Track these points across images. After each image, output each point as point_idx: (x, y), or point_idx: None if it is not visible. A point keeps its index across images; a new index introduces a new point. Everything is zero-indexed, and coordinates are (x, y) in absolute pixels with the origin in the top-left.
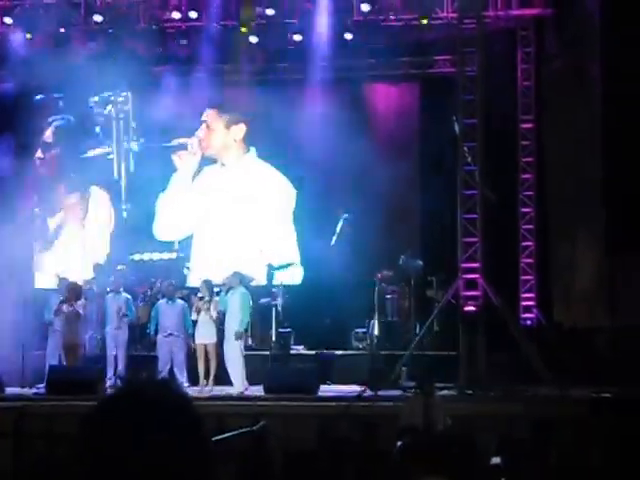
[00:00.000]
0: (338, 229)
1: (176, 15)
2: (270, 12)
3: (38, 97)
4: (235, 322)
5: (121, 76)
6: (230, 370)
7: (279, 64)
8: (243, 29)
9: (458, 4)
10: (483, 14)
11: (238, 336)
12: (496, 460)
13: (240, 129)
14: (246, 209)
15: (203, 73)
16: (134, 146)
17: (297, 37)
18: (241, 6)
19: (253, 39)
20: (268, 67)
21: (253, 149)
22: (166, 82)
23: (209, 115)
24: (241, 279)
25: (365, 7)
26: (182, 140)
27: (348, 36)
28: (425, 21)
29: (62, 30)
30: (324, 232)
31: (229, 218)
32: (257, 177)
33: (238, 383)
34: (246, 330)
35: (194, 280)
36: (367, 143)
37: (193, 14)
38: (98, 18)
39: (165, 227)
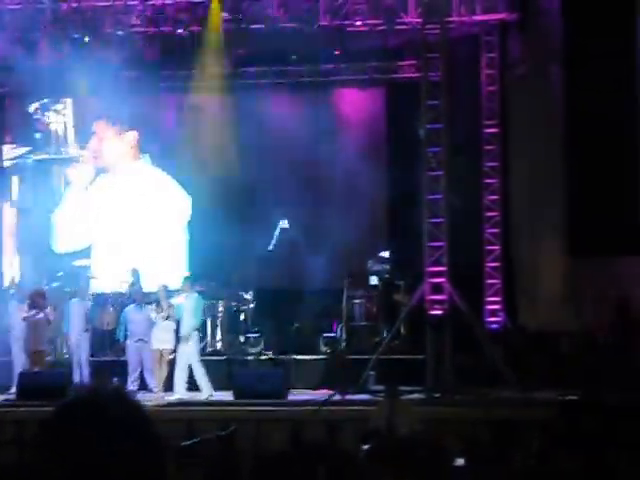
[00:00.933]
0: (276, 234)
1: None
2: (236, 17)
3: None
4: (188, 327)
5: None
6: (186, 376)
7: (246, 69)
8: (212, 34)
9: (423, 9)
10: (447, 19)
11: (185, 339)
12: (460, 462)
13: (132, 136)
14: (142, 215)
15: (169, 78)
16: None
17: (263, 42)
18: (209, 12)
19: (219, 45)
20: (235, 72)
21: (147, 155)
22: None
23: (99, 125)
24: (192, 284)
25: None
26: (73, 152)
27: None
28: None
29: (28, 35)
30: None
31: (126, 225)
32: (151, 183)
33: (206, 387)
34: (197, 332)
35: (98, 287)
36: (335, 148)
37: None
38: (64, 24)
39: (63, 240)
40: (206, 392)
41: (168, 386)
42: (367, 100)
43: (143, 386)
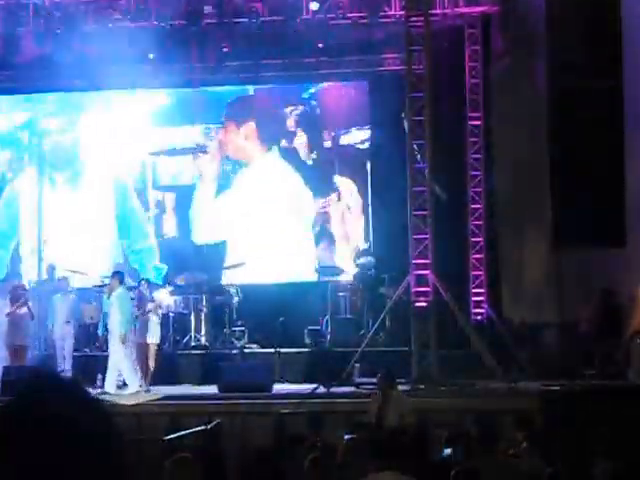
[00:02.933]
0: None
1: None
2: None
3: None
4: (116, 324)
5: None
6: (123, 372)
7: (230, 63)
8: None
9: (405, 2)
10: (430, 12)
11: (123, 339)
12: (447, 452)
13: (250, 127)
14: (269, 209)
15: (154, 73)
16: None
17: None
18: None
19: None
20: (218, 66)
21: (275, 148)
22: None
23: (226, 118)
24: (121, 280)
25: (314, 6)
26: (199, 141)
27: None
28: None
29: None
30: None
31: (260, 219)
32: (278, 177)
33: (133, 383)
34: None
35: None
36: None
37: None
38: (46, 19)
39: (202, 233)
40: (133, 387)
41: (154, 380)
42: (351, 93)
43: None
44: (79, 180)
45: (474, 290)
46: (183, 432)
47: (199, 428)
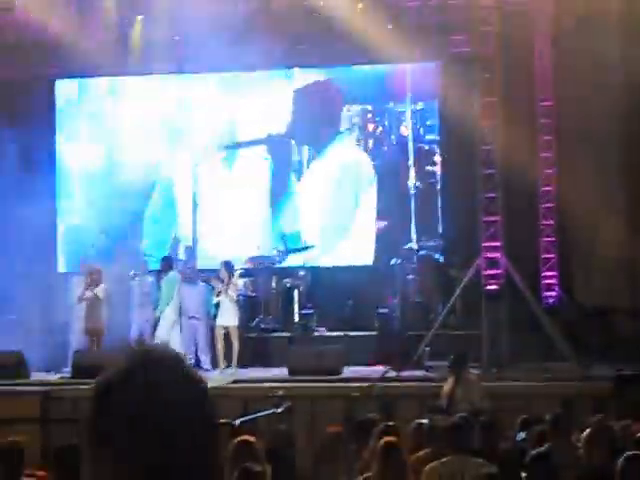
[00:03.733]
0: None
1: None
2: None
3: None
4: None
5: None
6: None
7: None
8: None
9: None
10: None
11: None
12: (521, 436)
13: None
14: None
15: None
16: None
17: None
18: None
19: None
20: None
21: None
22: None
23: None
24: (169, 264)
25: None
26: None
27: None
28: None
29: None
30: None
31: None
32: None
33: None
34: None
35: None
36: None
37: None
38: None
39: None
40: None
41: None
42: (421, 76)
43: (197, 364)
44: (234, 161)
45: (545, 273)
46: (253, 415)
47: (269, 411)
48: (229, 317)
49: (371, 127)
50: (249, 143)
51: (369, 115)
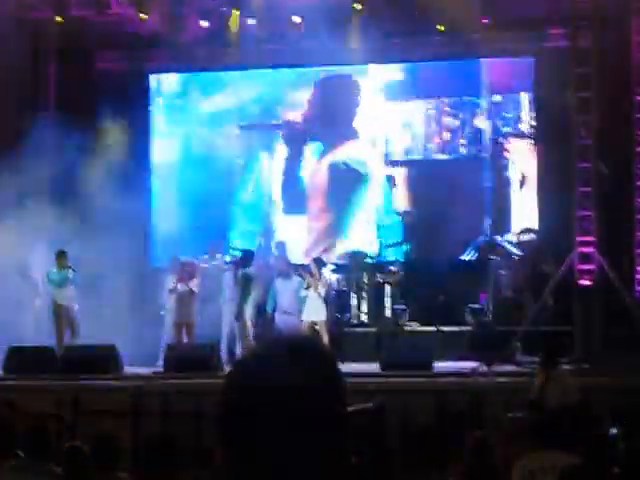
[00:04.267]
0: None
1: None
2: None
3: None
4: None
5: None
6: None
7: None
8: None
9: None
10: None
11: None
12: (614, 431)
13: None
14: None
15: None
16: None
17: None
18: None
19: None
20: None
21: None
22: None
23: None
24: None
25: None
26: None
27: None
28: None
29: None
30: None
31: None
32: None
33: None
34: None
35: None
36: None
37: None
38: None
39: None
40: None
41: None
42: (516, 69)
43: None
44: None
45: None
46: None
47: (363, 406)
48: (317, 312)
49: (447, 120)
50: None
51: (446, 108)
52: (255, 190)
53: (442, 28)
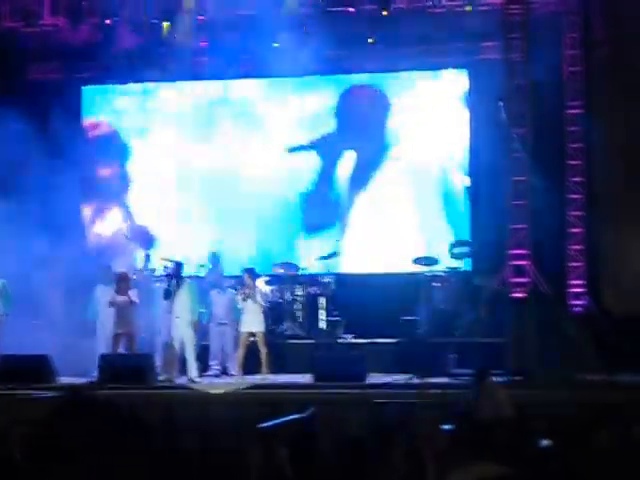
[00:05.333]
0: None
1: None
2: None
3: None
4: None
5: None
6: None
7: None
8: None
9: None
10: None
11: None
12: (545, 443)
13: None
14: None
15: None
16: None
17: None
18: None
19: None
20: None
21: None
22: None
23: None
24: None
25: None
26: None
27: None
28: (469, 8)
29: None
30: None
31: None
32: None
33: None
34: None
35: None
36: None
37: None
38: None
39: None
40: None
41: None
42: (448, 83)
43: (224, 371)
44: None
45: (573, 281)
46: (278, 420)
47: (294, 417)
48: (256, 323)
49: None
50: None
51: None
52: None
53: None
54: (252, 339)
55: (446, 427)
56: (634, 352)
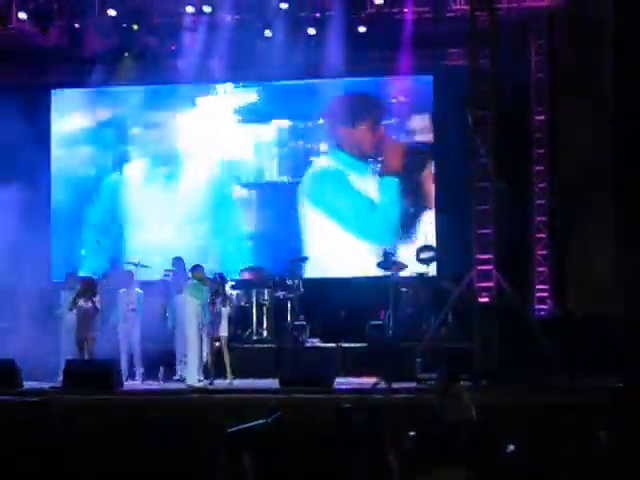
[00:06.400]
0: None
1: (190, 9)
2: (284, 6)
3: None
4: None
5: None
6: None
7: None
8: None
9: None
10: (495, 6)
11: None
12: (511, 448)
13: None
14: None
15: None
16: None
17: (311, 30)
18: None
19: (268, 33)
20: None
21: None
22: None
23: None
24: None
25: (378, 0)
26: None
27: (361, 29)
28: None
29: (76, 25)
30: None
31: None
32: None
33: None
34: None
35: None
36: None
37: (207, 8)
38: (112, 12)
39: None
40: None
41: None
42: (414, 87)
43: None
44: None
45: (538, 286)
46: (244, 425)
47: (260, 421)
48: (222, 328)
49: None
50: None
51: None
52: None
53: None
54: (217, 344)
55: (414, 431)
56: (597, 356)
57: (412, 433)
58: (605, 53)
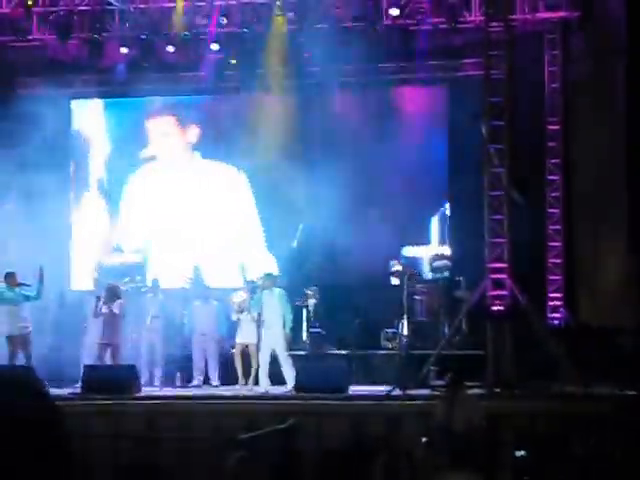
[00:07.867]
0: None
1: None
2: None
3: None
4: (279, 323)
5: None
6: (288, 371)
7: (312, 68)
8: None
9: (485, 8)
10: (510, 17)
11: (289, 338)
12: (520, 453)
13: (195, 132)
14: (206, 211)
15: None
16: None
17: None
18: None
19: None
20: (299, 72)
21: (197, 153)
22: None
23: (163, 121)
24: (274, 280)
25: (394, 12)
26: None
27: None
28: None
29: (96, 36)
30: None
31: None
32: (215, 179)
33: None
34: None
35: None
36: (397, 145)
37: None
38: (132, 24)
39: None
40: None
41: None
42: (430, 98)
43: (206, 381)
44: None
45: (551, 294)
46: (258, 432)
47: (274, 428)
48: (250, 335)
49: None
50: None
51: None
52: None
53: None
54: (247, 350)
55: (428, 438)
56: (610, 364)
57: (425, 439)
58: (620, 64)
